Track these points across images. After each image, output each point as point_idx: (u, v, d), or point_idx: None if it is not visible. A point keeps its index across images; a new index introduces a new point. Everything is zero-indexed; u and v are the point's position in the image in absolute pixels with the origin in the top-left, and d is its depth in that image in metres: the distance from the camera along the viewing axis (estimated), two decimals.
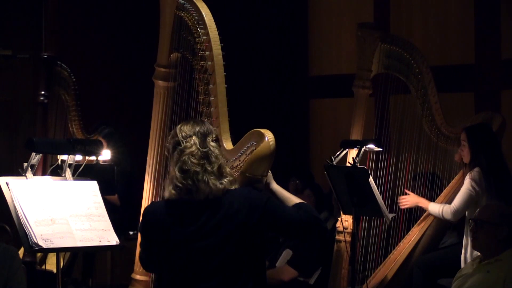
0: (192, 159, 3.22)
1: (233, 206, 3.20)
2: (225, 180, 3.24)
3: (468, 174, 5.36)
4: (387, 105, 5.98)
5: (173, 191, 3.24)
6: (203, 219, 3.20)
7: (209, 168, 3.22)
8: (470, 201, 5.33)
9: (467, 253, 5.31)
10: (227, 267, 3.19)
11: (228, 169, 3.31)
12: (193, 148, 3.23)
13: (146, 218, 3.36)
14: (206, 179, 3.20)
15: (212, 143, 3.29)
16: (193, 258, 3.19)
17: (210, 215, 3.20)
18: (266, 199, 3.26)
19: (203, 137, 3.27)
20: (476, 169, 5.33)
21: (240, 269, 3.20)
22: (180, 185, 3.21)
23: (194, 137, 3.26)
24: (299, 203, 3.37)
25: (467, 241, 5.32)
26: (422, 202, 5.64)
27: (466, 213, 5.40)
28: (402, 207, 5.68)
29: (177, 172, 3.23)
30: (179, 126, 3.34)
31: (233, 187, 3.26)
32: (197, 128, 3.29)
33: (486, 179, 5.27)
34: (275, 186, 3.47)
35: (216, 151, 3.28)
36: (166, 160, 4.79)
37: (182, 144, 3.25)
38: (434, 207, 5.55)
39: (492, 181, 5.26)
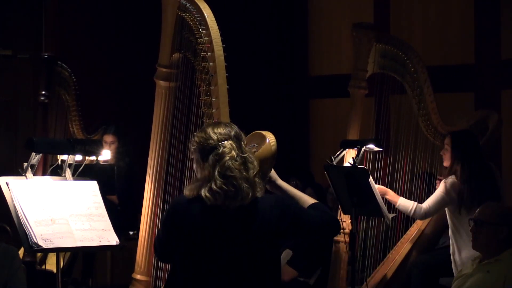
0: (235, 164, 3.15)
1: (266, 215, 3.18)
2: (258, 188, 3.19)
3: (444, 179, 5.41)
4: (384, 105, 5.98)
5: (208, 195, 3.14)
6: (239, 227, 3.17)
7: (245, 174, 3.16)
8: (442, 205, 5.40)
9: (456, 255, 5.35)
10: (255, 270, 3.19)
11: (258, 178, 3.23)
12: (233, 153, 3.16)
13: (176, 214, 3.23)
14: (243, 186, 3.14)
15: (247, 149, 3.24)
16: (224, 264, 3.16)
17: (246, 224, 3.17)
18: (293, 206, 3.27)
19: (238, 141, 3.21)
20: (452, 177, 5.37)
21: (265, 271, 3.21)
22: (219, 190, 3.13)
23: (230, 141, 3.19)
24: (314, 203, 3.38)
25: (453, 248, 5.36)
26: (390, 195, 5.56)
27: (448, 218, 5.44)
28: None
29: (217, 177, 3.13)
30: (208, 127, 3.23)
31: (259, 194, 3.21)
32: (232, 132, 3.22)
33: (460, 189, 5.31)
34: (281, 183, 3.47)
35: (252, 157, 3.23)
36: (168, 160, 4.82)
37: (219, 148, 3.17)
38: (406, 203, 5.47)
39: (465, 192, 5.29)
